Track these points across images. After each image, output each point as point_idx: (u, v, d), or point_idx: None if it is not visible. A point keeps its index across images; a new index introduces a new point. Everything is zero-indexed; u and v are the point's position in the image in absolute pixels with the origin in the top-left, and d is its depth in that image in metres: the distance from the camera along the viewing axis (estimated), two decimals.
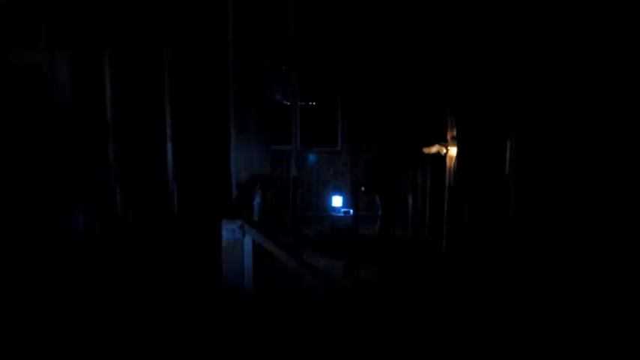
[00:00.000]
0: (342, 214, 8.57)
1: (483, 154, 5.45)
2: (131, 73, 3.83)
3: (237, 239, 2.79)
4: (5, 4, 2.28)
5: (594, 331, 3.45)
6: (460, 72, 5.61)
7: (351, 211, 5.89)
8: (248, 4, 3.47)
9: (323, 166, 8.97)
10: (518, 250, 4.67)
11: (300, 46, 3.68)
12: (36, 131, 3.03)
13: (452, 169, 5.81)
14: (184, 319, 3.48)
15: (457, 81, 5.71)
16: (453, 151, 5.78)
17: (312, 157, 8.88)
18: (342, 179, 8.94)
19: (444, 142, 5.89)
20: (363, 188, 6.35)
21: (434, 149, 6.04)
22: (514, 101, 4.75)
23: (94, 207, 3.37)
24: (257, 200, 4.51)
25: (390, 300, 4.94)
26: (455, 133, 5.76)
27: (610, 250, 3.50)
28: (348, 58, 4.76)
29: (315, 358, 3.57)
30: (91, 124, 3.53)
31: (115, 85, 3.76)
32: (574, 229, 4.08)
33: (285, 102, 8.03)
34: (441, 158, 5.98)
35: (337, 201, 8.74)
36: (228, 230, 2.79)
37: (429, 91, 6.21)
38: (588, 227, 3.78)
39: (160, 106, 4.35)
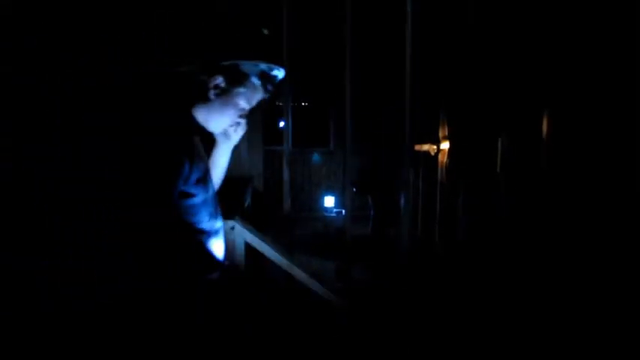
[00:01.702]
0: (334, 215, 8.58)
1: (475, 153, 5.47)
2: None
3: (229, 240, 2.79)
4: (5, 4, 2.27)
5: (589, 329, 3.47)
6: (452, 70, 5.63)
7: (344, 211, 5.90)
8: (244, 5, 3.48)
9: (315, 166, 8.97)
10: (510, 247, 4.69)
11: (292, 46, 3.68)
12: None
13: (444, 165, 5.83)
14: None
15: (449, 79, 5.73)
16: (445, 147, 5.80)
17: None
18: (334, 179, 8.94)
19: (436, 141, 5.91)
20: (354, 189, 6.36)
21: (425, 147, 6.06)
22: (505, 99, 4.77)
23: None
24: (248, 201, 4.50)
25: (384, 299, 4.95)
26: (447, 130, 5.79)
27: (603, 248, 3.52)
28: (340, 58, 4.75)
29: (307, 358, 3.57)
30: None
31: None
32: (565, 226, 4.10)
33: (277, 102, 8.02)
34: (433, 156, 6.00)
35: (330, 201, 8.75)
36: None
37: (421, 90, 6.23)
38: (580, 225, 3.80)
39: None
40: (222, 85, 1.92)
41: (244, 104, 1.99)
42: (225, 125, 2.04)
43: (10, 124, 2.25)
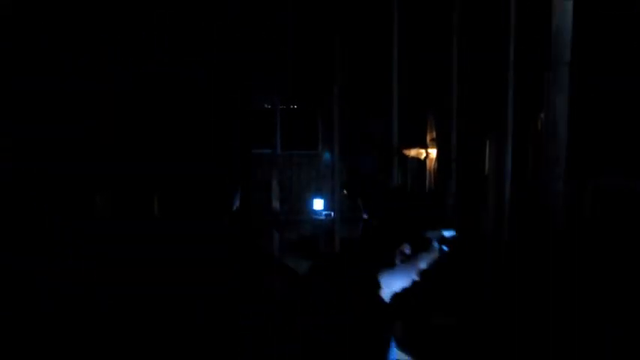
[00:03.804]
0: (323, 217, 8.57)
1: (463, 156, 5.51)
2: None
3: None
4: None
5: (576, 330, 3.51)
6: (440, 73, 5.67)
7: (332, 213, 5.93)
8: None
9: (303, 168, 8.96)
10: (499, 249, 4.74)
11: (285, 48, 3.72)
12: None
13: (432, 170, 5.87)
14: None
15: (437, 83, 5.77)
16: (432, 153, 5.84)
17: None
18: (323, 182, 8.93)
19: (424, 146, 5.95)
20: (344, 191, 6.37)
21: (413, 152, 6.09)
22: (494, 102, 4.82)
23: None
24: (237, 204, 4.51)
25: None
26: (435, 135, 5.83)
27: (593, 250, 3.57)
28: (329, 62, 4.78)
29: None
30: None
31: None
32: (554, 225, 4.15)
33: (266, 105, 7.99)
34: (421, 160, 6.04)
35: (318, 204, 8.74)
36: None
37: (409, 92, 6.27)
38: (570, 225, 3.86)
39: None
40: (408, 252, 2.06)
41: (424, 266, 2.13)
42: (405, 285, 2.18)
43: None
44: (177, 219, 4.12)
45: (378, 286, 2.09)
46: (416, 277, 2.14)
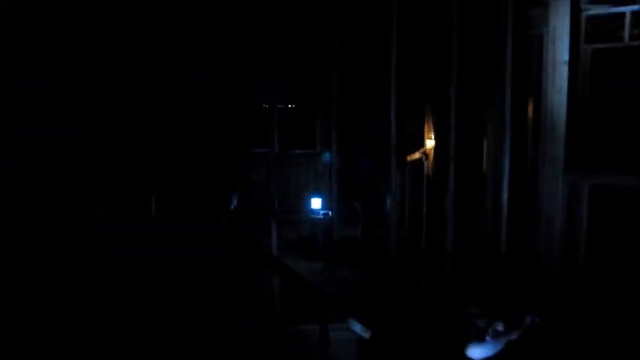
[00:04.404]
0: (321, 216, 8.56)
1: (461, 153, 5.51)
2: None
3: None
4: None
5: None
6: (438, 70, 5.67)
7: (331, 213, 5.93)
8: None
9: (302, 168, 8.95)
10: (498, 248, 4.74)
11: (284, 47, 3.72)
12: None
13: (431, 169, 5.87)
14: None
15: (435, 78, 5.77)
16: (431, 152, 5.84)
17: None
18: (321, 181, 8.93)
19: (422, 146, 5.96)
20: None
21: (416, 156, 6.10)
22: (492, 101, 4.83)
23: None
24: (235, 203, 4.51)
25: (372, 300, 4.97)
26: (433, 134, 5.84)
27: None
28: (328, 61, 4.78)
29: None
30: None
31: None
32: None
33: (264, 105, 7.98)
34: (420, 159, 6.04)
35: (316, 203, 8.73)
36: None
37: (409, 93, 6.26)
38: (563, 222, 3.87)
39: None
40: (501, 329, 2.11)
41: (515, 338, 2.19)
42: (488, 355, 2.25)
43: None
44: (176, 219, 4.11)
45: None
46: (501, 346, 2.17)
